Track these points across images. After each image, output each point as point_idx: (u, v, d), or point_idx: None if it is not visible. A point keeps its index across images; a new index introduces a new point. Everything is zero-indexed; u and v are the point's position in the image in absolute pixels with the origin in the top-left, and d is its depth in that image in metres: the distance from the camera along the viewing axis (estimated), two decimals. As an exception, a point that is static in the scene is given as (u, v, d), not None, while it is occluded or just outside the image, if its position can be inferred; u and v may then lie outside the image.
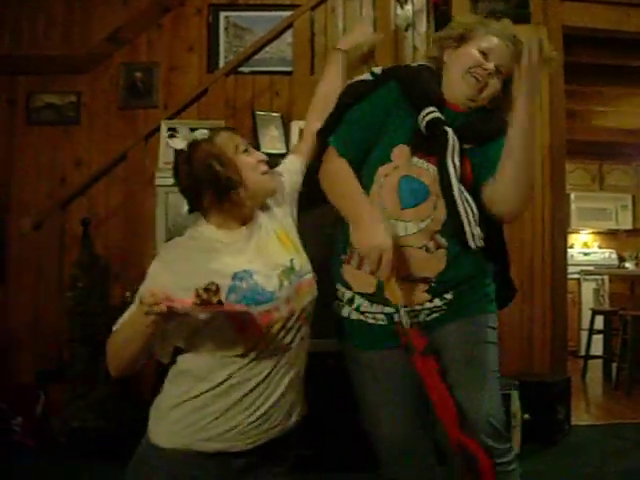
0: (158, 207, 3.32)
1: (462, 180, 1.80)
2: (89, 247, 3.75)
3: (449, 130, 1.79)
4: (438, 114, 1.81)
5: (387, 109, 1.87)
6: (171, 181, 3.27)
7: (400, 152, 1.85)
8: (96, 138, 4.44)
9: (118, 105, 4.47)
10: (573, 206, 7.47)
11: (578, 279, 7.03)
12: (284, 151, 3.61)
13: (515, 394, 3.52)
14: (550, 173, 4.29)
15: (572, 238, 7.85)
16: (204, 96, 3.91)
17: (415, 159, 1.84)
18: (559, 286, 4.31)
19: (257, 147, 3.58)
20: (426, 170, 1.84)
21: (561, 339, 4.32)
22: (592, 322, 5.99)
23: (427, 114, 1.80)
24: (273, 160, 1.88)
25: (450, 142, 1.78)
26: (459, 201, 1.77)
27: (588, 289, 7.01)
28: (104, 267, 3.77)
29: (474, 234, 1.79)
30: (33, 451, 3.61)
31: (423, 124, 1.81)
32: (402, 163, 1.84)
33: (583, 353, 6.09)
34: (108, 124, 4.46)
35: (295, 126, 3.65)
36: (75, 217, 4.00)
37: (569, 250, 6.07)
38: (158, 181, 3.34)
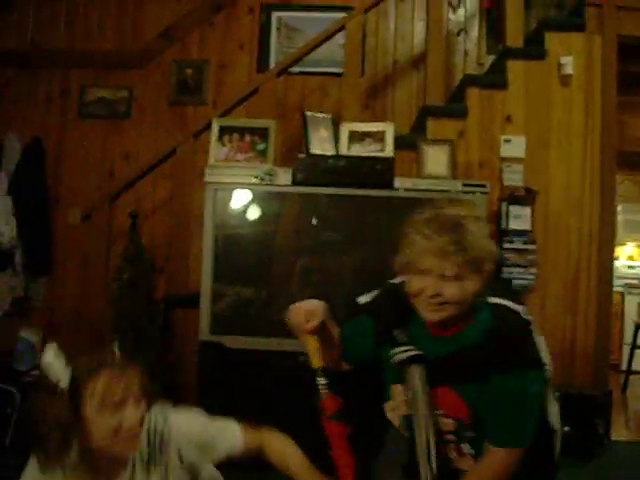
0: (207, 204, 3.34)
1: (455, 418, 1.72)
2: (136, 240, 3.80)
3: (415, 372, 1.70)
4: (405, 351, 1.71)
5: (366, 341, 1.86)
6: (221, 178, 3.37)
7: (397, 391, 1.81)
8: (145, 133, 4.51)
9: (168, 101, 4.54)
10: (620, 218, 7.34)
11: (622, 292, 6.91)
12: (333, 152, 3.61)
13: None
14: (599, 185, 4.22)
15: (617, 250, 7.71)
16: (254, 95, 3.93)
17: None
18: (604, 299, 4.24)
19: (307, 148, 3.60)
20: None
21: (603, 352, 4.25)
22: (635, 336, 5.88)
23: (395, 353, 1.73)
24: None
25: (414, 377, 1.70)
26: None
27: (632, 303, 6.87)
28: (149, 260, 3.82)
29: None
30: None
31: (394, 363, 1.74)
32: (400, 403, 1.80)
33: (625, 367, 5.99)
34: (158, 119, 4.53)
35: (345, 128, 3.65)
36: (122, 210, 4.06)
37: (614, 262, 5.96)
38: (208, 178, 3.36)
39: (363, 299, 1.96)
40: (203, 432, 1.78)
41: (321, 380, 1.74)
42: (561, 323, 4.16)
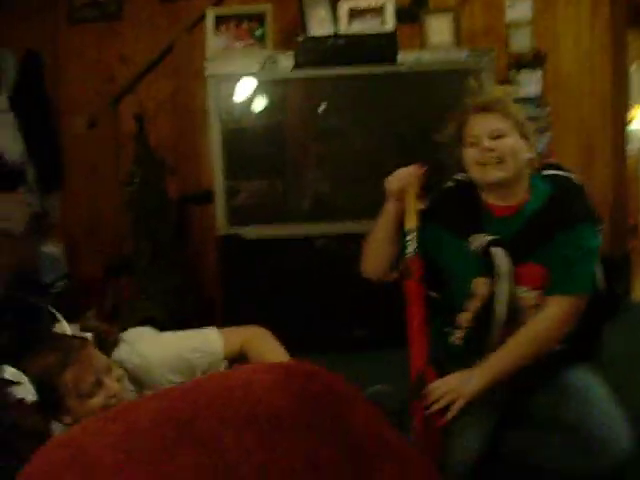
0: (210, 98, 3.29)
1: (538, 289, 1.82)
2: (143, 142, 3.77)
3: (497, 252, 1.79)
4: (484, 238, 1.81)
5: (427, 249, 1.90)
6: (221, 70, 3.30)
7: (478, 283, 1.86)
8: (140, 33, 4.37)
9: (159, -4, 4.38)
10: (634, 77, 7.14)
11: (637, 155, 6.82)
12: (333, 32, 3.51)
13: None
14: (610, 43, 4.09)
15: (632, 111, 7.56)
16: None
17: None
18: (619, 160, 4.20)
19: (304, 30, 3.50)
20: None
21: (621, 215, 4.24)
22: (652, 197, 5.85)
23: (471, 243, 1.83)
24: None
25: (497, 264, 1.79)
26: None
27: (648, 165, 6.81)
28: (159, 161, 3.81)
29: None
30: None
31: (474, 253, 1.83)
32: (485, 292, 1.85)
33: (643, 229, 5.99)
34: (151, 17, 4.38)
35: (343, 5, 3.53)
36: (126, 114, 4.00)
37: (629, 125, 5.84)
38: (208, 71, 3.30)
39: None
40: (181, 353, 1.83)
41: (411, 241, 1.84)
42: (577, 187, 4.13)
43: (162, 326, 3.57)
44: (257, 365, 0.97)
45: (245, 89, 3.35)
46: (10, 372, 1.64)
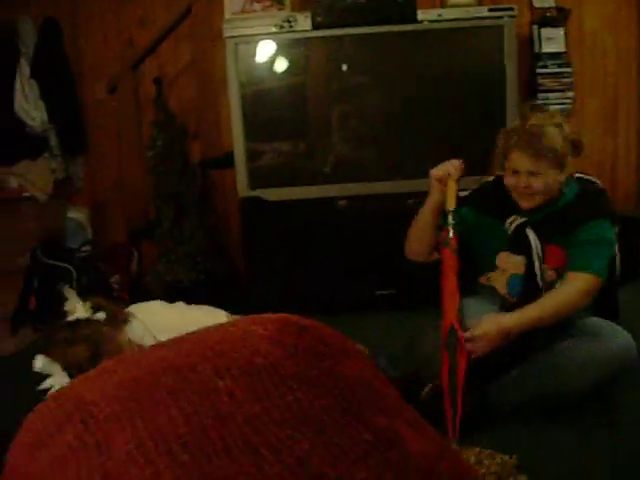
0: (229, 60, 3.28)
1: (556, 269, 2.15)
2: (164, 106, 3.78)
3: (530, 234, 2.15)
4: (520, 220, 2.17)
5: (468, 231, 2.23)
6: (240, 31, 3.29)
7: (502, 257, 2.23)
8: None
9: (177, -42, 4.34)
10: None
11: (664, 112, 6.71)
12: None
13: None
14: (636, 1, 3.99)
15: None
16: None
17: (517, 258, 2.19)
18: (644, 118, 4.13)
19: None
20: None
21: (646, 173, 4.19)
22: (679, 156, 5.77)
23: (511, 222, 2.19)
24: None
25: (533, 245, 2.14)
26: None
27: (675, 122, 6.70)
28: (180, 125, 3.82)
29: None
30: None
31: (510, 231, 2.19)
32: (507, 266, 2.22)
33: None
34: (169, -20, 4.36)
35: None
36: (147, 78, 4.02)
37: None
38: (226, 32, 3.27)
39: (462, 194, 2.30)
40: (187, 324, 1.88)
41: (452, 220, 2.11)
42: (601, 146, 4.09)
43: (187, 289, 3.65)
44: (254, 317, 0.98)
45: (264, 50, 3.33)
46: (42, 363, 1.70)
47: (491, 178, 2.36)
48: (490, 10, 3.32)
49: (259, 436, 0.72)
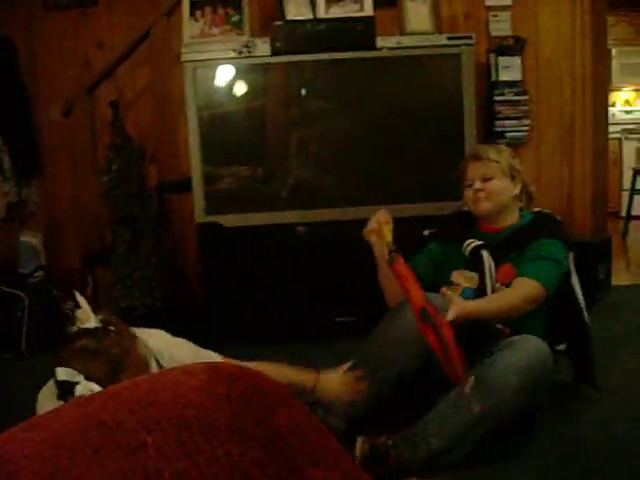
0: (187, 84, 3.24)
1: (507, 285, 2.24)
2: (120, 129, 3.73)
3: (484, 254, 2.27)
4: (476, 243, 2.30)
5: (436, 263, 2.43)
6: (198, 56, 3.26)
7: (457, 274, 2.34)
8: (116, 19, 4.32)
9: (136, -19, 4.31)
10: (615, 62, 7.15)
11: (619, 138, 6.85)
12: (310, 17, 3.47)
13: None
14: (590, 27, 4.08)
15: (613, 96, 7.56)
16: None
17: (471, 273, 2.31)
18: (600, 146, 4.20)
19: (283, 14, 3.47)
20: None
21: (601, 200, 4.26)
22: (634, 182, 5.89)
23: (468, 245, 2.31)
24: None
25: (486, 264, 2.26)
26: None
27: (630, 148, 6.82)
28: (137, 149, 3.77)
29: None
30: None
31: (467, 253, 2.31)
32: (461, 280, 2.32)
33: (624, 214, 6.03)
34: (127, 3, 4.31)
35: (321, -11, 3.50)
36: (103, 101, 3.96)
37: (610, 108, 5.86)
38: (184, 57, 3.25)
39: (427, 231, 2.53)
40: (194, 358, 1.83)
41: (392, 246, 2.18)
42: (558, 173, 4.14)
43: (142, 316, 3.58)
44: (183, 367, 0.94)
45: (222, 75, 3.31)
46: (65, 372, 1.61)
47: (452, 211, 2.57)
48: (448, 38, 3.35)
49: (188, 493, 0.68)
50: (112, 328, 1.68)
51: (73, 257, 4.19)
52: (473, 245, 2.32)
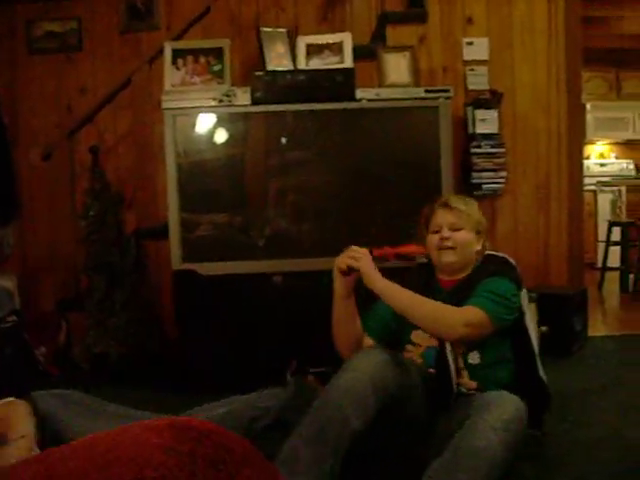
0: (166, 131, 3.26)
1: None
2: (99, 175, 3.72)
3: None
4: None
5: (388, 324, 2.33)
6: (178, 104, 3.29)
7: (417, 333, 2.27)
8: (100, 64, 4.37)
9: (120, 29, 4.37)
10: (589, 116, 7.31)
11: (594, 191, 6.95)
12: (291, 68, 3.52)
13: (532, 307, 3.51)
14: (565, 82, 4.17)
15: (588, 149, 7.72)
16: (207, 15, 3.80)
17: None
18: (575, 198, 4.26)
19: (264, 65, 3.52)
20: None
21: (578, 251, 4.29)
22: (609, 234, 5.96)
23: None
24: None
25: None
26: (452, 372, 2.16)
27: (605, 201, 6.93)
28: (116, 194, 3.76)
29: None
30: (57, 379, 3.67)
31: None
32: (422, 341, 2.27)
33: (600, 265, 6.08)
34: (111, 49, 4.38)
35: (301, 42, 3.56)
36: (84, 146, 3.97)
37: (585, 161, 5.97)
38: (165, 104, 3.27)
39: None
40: None
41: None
42: (534, 225, 4.18)
43: (115, 363, 3.53)
44: (147, 423, 0.91)
45: (202, 123, 3.33)
46: None
47: (414, 265, 2.49)
48: (427, 91, 3.40)
49: None
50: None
51: (47, 301, 4.14)
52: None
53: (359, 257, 2.12)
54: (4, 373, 3.50)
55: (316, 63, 3.53)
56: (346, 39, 3.55)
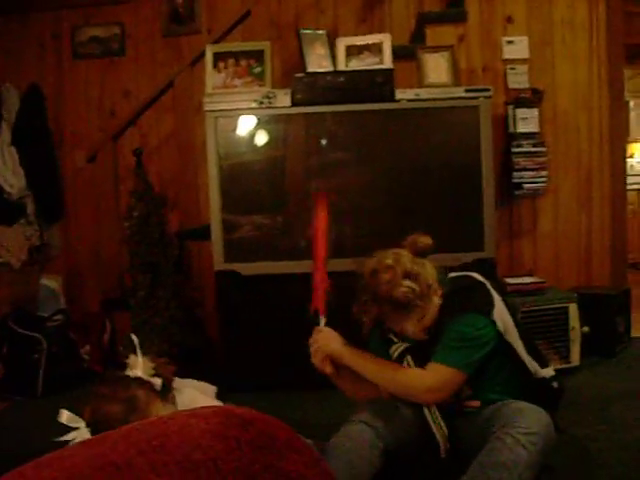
0: (208, 133, 3.31)
1: None
2: (142, 176, 3.79)
3: (405, 363, 2.14)
4: (401, 348, 2.17)
5: (377, 346, 2.25)
6: (220, 106, 3.33)
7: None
8: (142, 68, 4.45)
9: (162, 33, 4.45)
10: (633, 114, 7.19)
11: (638, 190, 6.84)
12: (331, 69, 3.55)
13: (574, 307, 3.48)
14: (607, 79, 4.12)
15: (632, 147, 7.59)
16: (247, 18, 3.84)
17: None
18: (618, 196, 4.20)
19: (304, 67, 3.54)
20: None
21: (620, 251, 4.23)
22: (653, 233, 5.86)
23: (394, 350, 2.19)
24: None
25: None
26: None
27: (649, 199, 6.82)
28: (159, 196, 3.82)
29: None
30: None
31: (393, 358, 2.19)
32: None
33: (644, 265, 5.99)
34: (153, 53, 4.46)
35: (341, 43, 3.58)
36: (127, 148, 4.05)
37: (629, 160, 5.87)
38: (207, 106, 3.32)
39: None
40: None
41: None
42: (576, 224, 4.14)
43: (162, 357, 3.58)
44: (195, 410, 0.95)
45: (243, 125, 3.37)
46: (67, 416, 1.66)
47: None
48: (466, 91, 3.39)
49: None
50: (157, 380, 1.71)
51: (92, 301, 4.23)
52: (398, 352, 2.19)
53: (315, 351, 2.25)
54: (51, 371, 3.59)
55: (356, 64, 3.54)
56: (385, 40, 3.55)
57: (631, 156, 7.40)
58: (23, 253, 4.08)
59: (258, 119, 3.37)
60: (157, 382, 1.73)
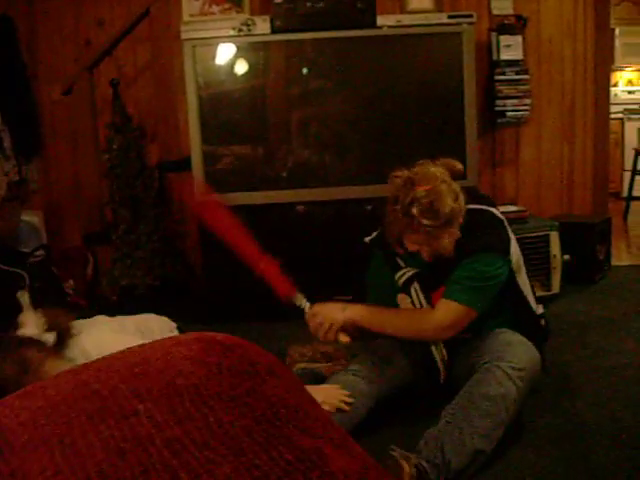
0: (186, 62, 3.24)
1: None
2: (120, 108, 3.73)
3: (412, 290, 2.18)
4: (408, 274, 2.20)
5: (379, 269, 2.32)
6: (197, 34, 3.25)
7: (401, 298, 2.24)
8: (117, -4, 4.31)
9: (137, -41, 4.29)
10: (618, 42, 7.10)
11: (621, 119, 6.81)
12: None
13: (555, 235, 3.51)
14: (593, 6, 4.05)
15: (616, 76, 7.53)
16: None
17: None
18: (601, 126, 4.19)
19: None
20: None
21: (602, 180, 4.25)
22: (635, 163, 5.86)
23: (400, 277, 2.22)
24: None
25: (415, 300, 2.18)
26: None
27: (632, 129, 6.78)
28: (138, 127, 3.77)
29: None
30: (86, 311, 3.76)
31: (399, 284, 2.23)
32: (404, 304, 2.23)
33: (625, 194, 6.01)
34: (128, -20, 4.31)
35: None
36: (104, 79, 3.95)
37: (612, 88, 5.82)
38: (184, 35, 3.24)
39: (368, 238, 2.37)
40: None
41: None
42: (558, 153, 4.13)
43: (142, 295, 3.59)
44: (177, 337, 0.96)
45: (222, 53, 3.30)
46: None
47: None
48: (449, 17, 3.33)
49: (179, 459, 0.69)
50: (50, 336, 1.69)
51: (73, 236, 4.21)
52: (405, 278, 2.21)
53: (327, 331, 2.16)
54: (35, 306, 3.60)
55: (336, -11, 3.46)
56: (367, -36, 3.46)
57: (615, 84, 7.35)
58: (2, 189, 4.02)
59: (237, 47, 3.30)
60: (49, 338, 1.72)
